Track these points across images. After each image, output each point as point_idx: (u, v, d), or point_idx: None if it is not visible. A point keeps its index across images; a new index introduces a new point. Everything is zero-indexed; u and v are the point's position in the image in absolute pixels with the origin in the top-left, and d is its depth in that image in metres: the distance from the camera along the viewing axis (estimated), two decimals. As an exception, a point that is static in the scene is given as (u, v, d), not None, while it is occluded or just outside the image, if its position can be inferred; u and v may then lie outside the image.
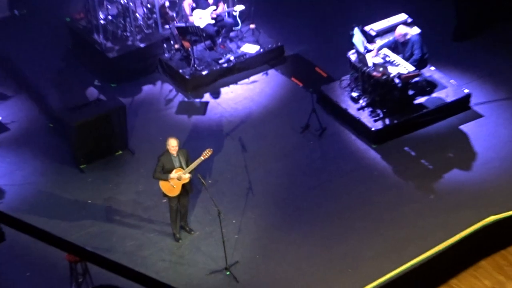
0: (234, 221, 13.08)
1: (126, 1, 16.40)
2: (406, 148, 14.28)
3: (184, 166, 12.29)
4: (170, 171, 12.25)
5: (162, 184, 12.43)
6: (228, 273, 12.26)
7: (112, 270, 3.66)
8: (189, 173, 12.26)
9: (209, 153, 12.29)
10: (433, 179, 13.65)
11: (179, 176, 12.23)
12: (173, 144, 12.17)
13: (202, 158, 12.23)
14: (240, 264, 12.39)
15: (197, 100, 15.84)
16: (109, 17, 16.75)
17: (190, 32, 15.98)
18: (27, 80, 16.38)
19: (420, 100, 14.66)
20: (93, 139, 14.48)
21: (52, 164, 14.67)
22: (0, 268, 11.99)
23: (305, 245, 12.68)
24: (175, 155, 12.25)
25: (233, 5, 16.52)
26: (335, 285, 11.92)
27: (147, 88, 16.28)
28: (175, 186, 12.32)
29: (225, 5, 16.43)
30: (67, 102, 15.30)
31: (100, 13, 16.65)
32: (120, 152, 14.78)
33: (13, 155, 14.93)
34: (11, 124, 15.62)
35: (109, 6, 16.76)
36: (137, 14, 16.62)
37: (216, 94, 15.90)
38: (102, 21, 16.62)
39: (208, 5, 16.10)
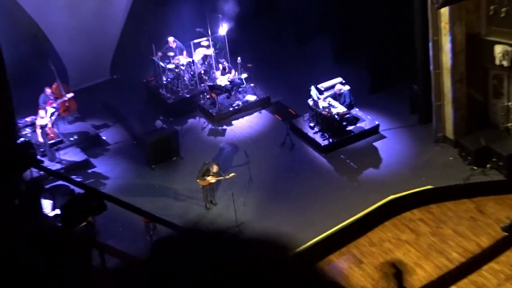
0: (241, 198, 12.96)
1: (178, 70, 16.33)
2: (342, 156, 14.16)
3: (215, 173, 12.34)
4: (207, 175, 12.38)
5: (198, 179, 12.45)
6: (237, 229, 12.15)
7: (169, 227, 3.59)
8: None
9: (233, 176, 12.27)
10: (357, 174, 13.55)
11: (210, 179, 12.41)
12: (214, 170, 12.21)
13: (226, 177, 12.19)
14: (245, 224, 12.27)
15: (220, 127, 15.72)
16: (169, 79, 16.66)
17: (216, 88, 15.93)
18: (120, 115, 16.28)
19: (350, 128, 14.57)
20: (159, 150, 14.40)
21: (135, 165, 14.55)
22: (104, 226, 11.83)
23: (283, 212, 12.58)
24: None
25: (240, 73, 16.46)
26: (302, 233, 11.78)
27: (190, 121, 16.15)
28: (205, 181, 12.42)
29: (236, 72, 16.37)
30: (144, 129, 15.23)
31: (163, 77, 16.58)
32: (175, 158, 14.63)
33: (112, 160, 14.81)
34: (111, 141, 15.49)
35: (168, 73, 16.67)
36: (185, 78, 16.55)
37: (231, 124, 15.80)
38: (164, 82, 16.54)
39: (225, 73, 16.08)
